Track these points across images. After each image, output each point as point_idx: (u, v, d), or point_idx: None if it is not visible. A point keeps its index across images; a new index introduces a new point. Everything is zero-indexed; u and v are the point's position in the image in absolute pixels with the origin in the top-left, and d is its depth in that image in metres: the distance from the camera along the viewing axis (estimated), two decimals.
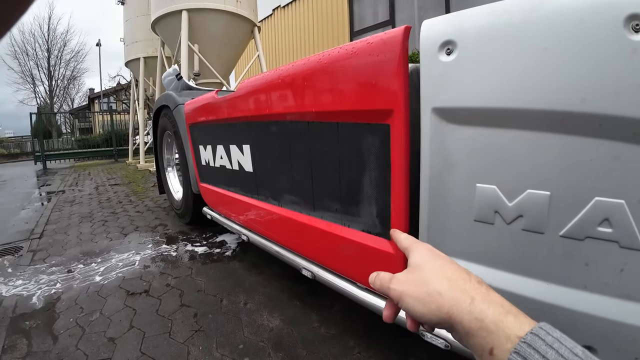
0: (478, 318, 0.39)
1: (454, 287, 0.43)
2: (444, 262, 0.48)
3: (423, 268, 0.47)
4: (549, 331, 0.35)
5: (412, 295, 0.45)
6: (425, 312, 0.43)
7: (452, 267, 0.46)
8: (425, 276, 0.46)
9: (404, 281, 0.48)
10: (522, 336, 0.35)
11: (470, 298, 0.41)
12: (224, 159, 1.94)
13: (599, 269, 0.68)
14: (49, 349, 1.41)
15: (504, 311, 0.38)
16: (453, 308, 0.41)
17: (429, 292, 0.44)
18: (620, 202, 0.63)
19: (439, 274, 0.45)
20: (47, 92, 27.68)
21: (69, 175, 8.27)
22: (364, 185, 1.06)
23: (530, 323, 0.37)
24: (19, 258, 2.51)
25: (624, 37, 0.59)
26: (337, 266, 1.26)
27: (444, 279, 0.44)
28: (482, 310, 0.39)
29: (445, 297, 0.42)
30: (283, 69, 1.30)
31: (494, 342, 0.37)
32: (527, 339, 0.34)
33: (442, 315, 0.42)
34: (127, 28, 9.53)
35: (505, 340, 0.36)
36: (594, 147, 0.64)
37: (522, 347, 0.34)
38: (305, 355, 1.31)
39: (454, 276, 0.44)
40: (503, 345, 0.36)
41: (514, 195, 0.73)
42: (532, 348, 0.33)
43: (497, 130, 0.73)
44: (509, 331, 0.36)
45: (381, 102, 0.92)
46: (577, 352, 0.33)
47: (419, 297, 0.44)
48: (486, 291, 0.42)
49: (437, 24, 0.80)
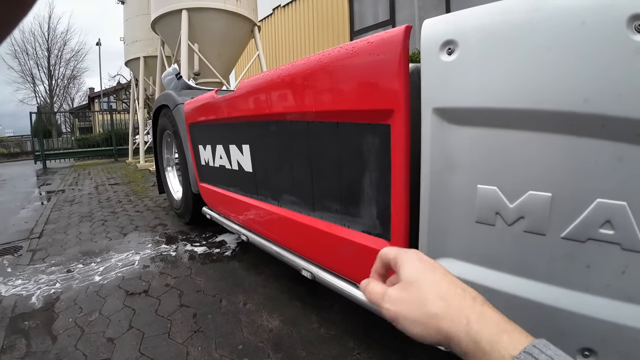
0: (474, 340, 0.38)
1: (450, 307, 0.42)
2: (438, 276, 0.46)
3: (417, 286, 0.45)
4: (542, 349, 0.35)
5: (408, 317, 0.44)
6: (424, 334, 0.43)
7: (446, 282, 0.45)
8: (421, 296, 0.44)
9: (398, 301, 0.46)
10: (515, 355, 0.35)
11: (466, 319, 0.40)
12: (224, 159, 1.93)
13: (600, 271, 0.68)
14: (48, 349, 1.41)
15: (499, 330, 0.38)
16: (451, 330, 0.40)
17: (426, 314, 0.42)
18: (622, 204, 0.63)
19: (435, 292, 0.43)
20: (47, 91, 27.68)
21: (69, 174, 8.26)
22: (364, 186, 1.06)
23: (524, 341, 0.36)
24: (18, 258, 2.50)
25: (626, 38, 0.58)
26: (336, 267, 1.26)
27: (440, 300, 0.43)
28: (477, 331, 0.39)
29: (443, 318, 0.41)
30: (283, 68, 1.29)
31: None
32: (521, 357, 0.34)
33: (441, 338, 0.41)
34: (127, 27, 9.52)
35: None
36: (597, 148, 0.64)
37: None
38: (305, 356, 1.31)
39: (449, 293, 0.43)
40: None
41: (516, 197, 0.72)
42: None
43: (498, 131, 0.72)
44: (504, 351, 0.36)
45: (381, 102, 0.91)
46: None
47: (417, 320, 0.43)
48: (481, 309, 0.41)
49: (438, 23, 0.79)
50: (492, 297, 0.44)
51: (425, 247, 0.89)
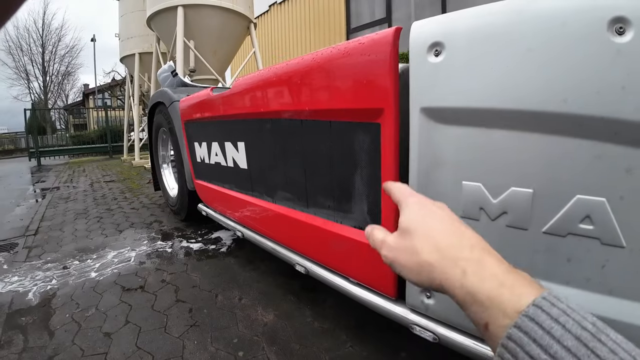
0: (470, 293, 0.36)
1: (445, 257, 0.39)
2: (434, 223, 0.43)
3: (412, 234, 0.43)
4: (553, 302, 0.31)
5: (403, 265, 0.43)
6: (418, 281, 0.42)
7: (443, 230, 0.42)
8: (415, 245, 0.42)
9: (394, 248, 0.45)
10: (521, 310, 0.31)
11: (462, 270, 0.37)
12: (219, 156, 1.95)
13: (581, 265, 0.70)
14: (45, 344, 1.43)
15: (498, 284, 0.34)
16: (445, 281, 0.38)
17: (419, 263, 0.41)
18: (602, 200, 0.65)
19: (430, 241, 0.41)
20: (41, 87, 27.45)
21: (64, 171, 8.22)
22: (355, 183, 1.08)
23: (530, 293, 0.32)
24: (14, 255, 2.51)
25: (607, 40, 0.60)
26: (330, 262, 1.28)
27: (434, 249, 0.40)
28: (473, 284, 0.36)
29: (437, 269, 0.39)
30: (277, 67, 1.31)
31: (488, 318, 0.34)
32: (529, 312, 0.30)
33: (435, 286, 0.40)
34: (122, 24, 9.46)
35: (502, 316, 0.32)
36: (576, 147, 0.66)
37: (523, 321, 0.30)
38: (299, 349, 1.34)
39: (445, 243, 0.41)
40: (499, 321, 0.33)
41: (499, 193, 0.75)
42: (535, 322, 0.30)
43: (482, 130, 0.75)
44: (505, 306, 0.33)
45: (372, 101, 0.94)
46: (586, 326, 0.29)
47: (411, 268, 0.42)
48: (479, 258, 0.38)
49: (426, 25, 0.82)
50: None
51: None
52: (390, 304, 1.04)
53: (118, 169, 8.11)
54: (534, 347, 0.29)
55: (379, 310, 1.07)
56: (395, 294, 1.04)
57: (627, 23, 0.58)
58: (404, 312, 1.00)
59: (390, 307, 1.04)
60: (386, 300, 1.06)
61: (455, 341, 0.88)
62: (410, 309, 0.99)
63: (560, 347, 0.28)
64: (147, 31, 7.36)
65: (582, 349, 0.27)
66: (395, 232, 0.46)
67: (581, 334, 0.28)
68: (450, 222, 0.44)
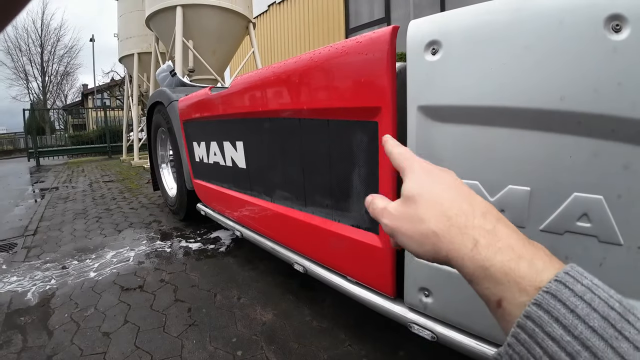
0: (482, 266, 0.32)
1: (452, 225, 0.36)
2: (442, 187, 0.40)
3: (417, 201, 0.40)
4: (578, 277, 0.28)
5: (405, 234, 0.40)
6: (421, 252, 0.39)
7: (451, 197, 0.39)
8: (420, 212, 0.39)
9: (396, 216, 0.42)
10: (542, 286, 0.28)
11: (473, 241, 0.34)
12: (218, 156, 1.95)
13: (578, 263, 0.69)
14: (44, 344, 1.43)
15: (515, 256, 0.31)
16: (452, 252, 0.35)
17: (423, 233, 0.38)
18: (599, 198, 0.65)
19: (436, 208, 0.38)
20: (40, 88, 27.45)
21: (63, 172, 8.22)
22: (353, 182, 1.08)
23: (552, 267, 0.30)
24: (13, 255, 2.51)
25: (604, 37, 0.60)
26: (328, 260, 1.28)
27: (441, 217, 0.37)
28: (486, 257, 0.32)
29: (443, 238, 0.36)
30: (275, 66, 1.31)
31: (502, 293, 0.31)
32: (552, 288, 0.27)
33: (440, 258, 0.37)
34: (121, 23, 9.46)
35: (519, 292, 0.29)
36: (573, 144, 0.66)
37: (544, 298, 0.27)
38: (297, 348, 1.34)
39: (453, 210, 0.37)
40: (515, 298, 0.30)
41: (496, 191, 0.75)
42: (557, 300, 0.27)
43: (479, 128, 0.75)
44: (523, 281, 0.29)
45: (369, 99, 0.94)
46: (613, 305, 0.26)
47: (413, 237, 0.39)
48: (493, 229, 0.34)
49: (423, 24, 0.82)
50: None
51: None
52: (388, 303, 1.04)
53: (117, 169, 8.11)
54: (556, 328, 0.26)
55: (378, 309, 1.07)
56: (394, 293, 1.04)
57: (624, 20, 0.58)
58: (402, 310, 1.00)
59: (388, 306, 1.04)
60: (384, 299, 1.06)
61: (454, 340, 0.88)
62: (409, 307, 0.99)
63: (585, 327, 0.25)
64: (146, 31, 7.36)
65: (609, 330, 0.25)
66: (398, 199, 0.43)
67: (609, 313, 0.25)
68: (460, 188, 0.40)
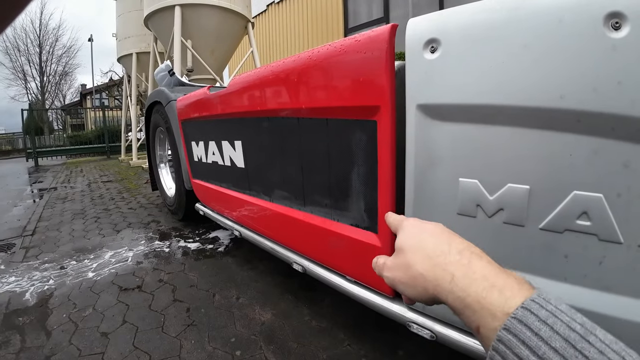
0: (460, 297, 0.36)
1: (434, 265, 0.41)
2: (425, 236, 0.45)
3: (405, 250, 0.46)
4: (542, 304, 0.31)
5: (401, 281, 0.45)
6: (415, 295, 0.43)
7: (432, 241, 0.44)
8: (408, 259, 0.44)
9: (392, 267, 0.47)
10: (510, 312, 0.32)
11: (450, 275, 0.38)
12: (216, 155, 1.95)
13: (578, 261, 0.70)
14: (43, 344, 1.42)
15: (487, 285, 0.35)
16: (437, 288, 0.39)
17: (413, 276, 0.42)
18: (599, 196, 0.65)
19: (420, 253, 0.43)
20: (38, 88, 27.35)
21: (61, 172, 8.20)
22: (352, 181, 1.08)
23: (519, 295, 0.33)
24: (11, 255, 2.50)
25: (603, 35, 0.60)
26: (327, 260, 1.28)
27: (425, 259, 0.42)
28: (462, 288, 0.36)
29: (428, 278, 0.40)
30: (273, 65, 1.31)
31: (479, 320, 0.34)
32: (518, 314, 0.31)
33: (430, 297, 0.41)
34: (119, 23, 9.43)
35: (491, 318, 0.33)
36: (573, 142, 0.66)
37: (512, 323, 0.31)
38: (296, 347, 1.33)
39: (435, 252, 0.42)
40: (489, 323, 0.33)
41: (495, 189, 0.75)
42: (523, 324, 0.30)
43: (479, 126, 0.75)
44: (494, 308, 0.33)
45: (368, 98, 0.94)
46: (574, 327, 0.29)
47: (407, 283, 0.44)
48: (467, 263, 0.39)
49: (421, 22, 0.82)
50: None
51: None
52: (387, 302, 1.04)
53: (116, 169, 8.09)
54: (522, 349, 0.29)
55: (377, 309, 1.07)
56: (393, 292, 1.03)
57: (623, 18, 0.58)
58: (401, 310, 1.00)
59: (387, 305, 1.03)
60: (383, 298, 1.06)
61: (453, 339, 0.88)
62: (408, 307, 0.99)
63: (548, 348, 0.28)
64: (145, 31, 7.34)
65: (570, 350, 0.28)
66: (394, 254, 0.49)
67: (569, 335, 0.29)
68: (442, 234, 0.45)
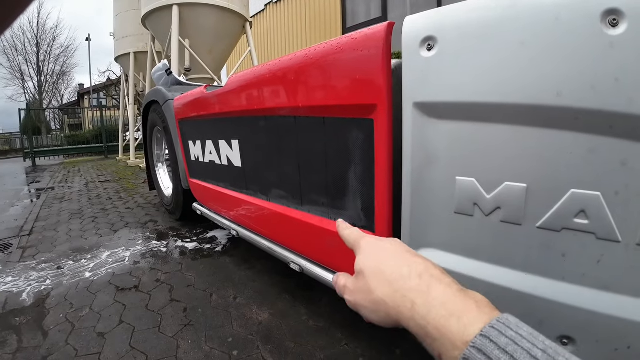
0: (420, 325, 0.36)
1: (395, 290, 0.39)
2: (385, 256, 0.44)
3: (366, 274, 0.43)
4: (502, 330, 0.30)
5: (362, 305, 0.43)
6: (378, 319, 0.42)
7: (391, 264, 0.42)
8: (369, 283, 0.42)
9: (354, 290, 0.45)
10: (469, 341, 0.31)
11: (411, 303, 0.37)
12: (213, 154, 1.94)
13: (576, 260, 0.69)
14: (39, 344, 1.41)
15: (446, 313, 0.34)
16: (399, 315, 0.38)
17: (375, 301, 0.41)
18: (596, 194, 0.65)
19: (380, 277, 0.42)
20: (36, 87, 27.27)
21: (59, 172, 8.17)
22: (349, 180, 1.07)
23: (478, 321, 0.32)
24: (8, 255, 2.49)
25: (601, 32, 0.60)
26: (324, 259, 1.27)
27: (385, 284, 0.40)
28: (422, 316, 0.35)
29: (390, 303, 0.39)
30: (270, 64, 1.30)
31: (440, 349, 0.33)
32: (477, 342, 0.30)
33: (393, 322, 0.40)
34: (117, 22, 9.40)
35: (452, 347, 0.32)
36: (570, 140, 0.65)
37: (471, 352, 0.30)
38: (294, 347, 1.33)
39: (394, 276, 0.40)
40: (449, 352, 0.32)
41: (492, 188, 0.74)
42: (482, 353, 0.29)
43: (475, 124, 0.74)
44: (453, 337, 0.32)
45: (365, 97, 0.93)
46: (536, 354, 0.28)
47: (369, 308, 0.42)
48: (427, 289, 0.37)
49: (418, 20, 0.81)
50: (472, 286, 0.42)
51: (407, 237, 0.91)
52: None
53: (113, 169, 8.07)
54: None
55: None
56: None
57: (621, 15, 0.57)
58: None
59: None
60: None
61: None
62: None
63: None
64: (142, 30, 7.32)
65: None
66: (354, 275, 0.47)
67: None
68: (401, 254, 0.43)
